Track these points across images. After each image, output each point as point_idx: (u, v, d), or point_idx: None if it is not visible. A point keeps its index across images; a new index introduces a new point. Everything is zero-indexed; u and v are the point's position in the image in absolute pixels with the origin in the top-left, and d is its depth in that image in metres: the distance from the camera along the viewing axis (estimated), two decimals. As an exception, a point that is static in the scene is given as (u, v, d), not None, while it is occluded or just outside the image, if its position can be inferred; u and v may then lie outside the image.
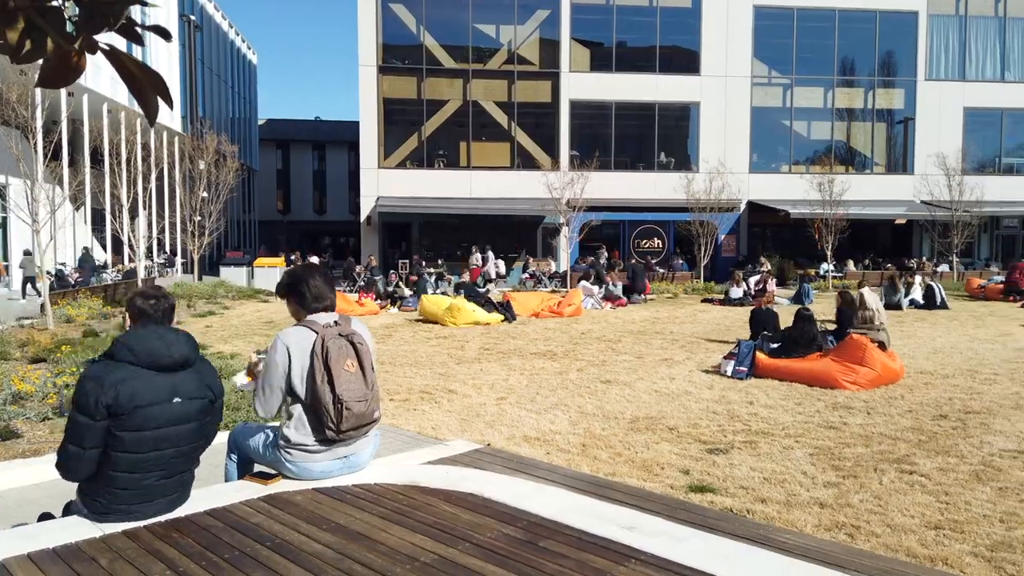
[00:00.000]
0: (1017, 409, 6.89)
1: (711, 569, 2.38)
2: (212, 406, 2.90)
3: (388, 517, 2.86)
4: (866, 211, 25.64)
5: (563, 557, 2.50)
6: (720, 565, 2.39)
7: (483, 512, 2.93)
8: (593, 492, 3.31)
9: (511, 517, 2.87)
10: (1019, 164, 29.42)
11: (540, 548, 2.58)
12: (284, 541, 2.61)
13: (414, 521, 2.82)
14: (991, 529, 4.04)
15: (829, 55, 28.08)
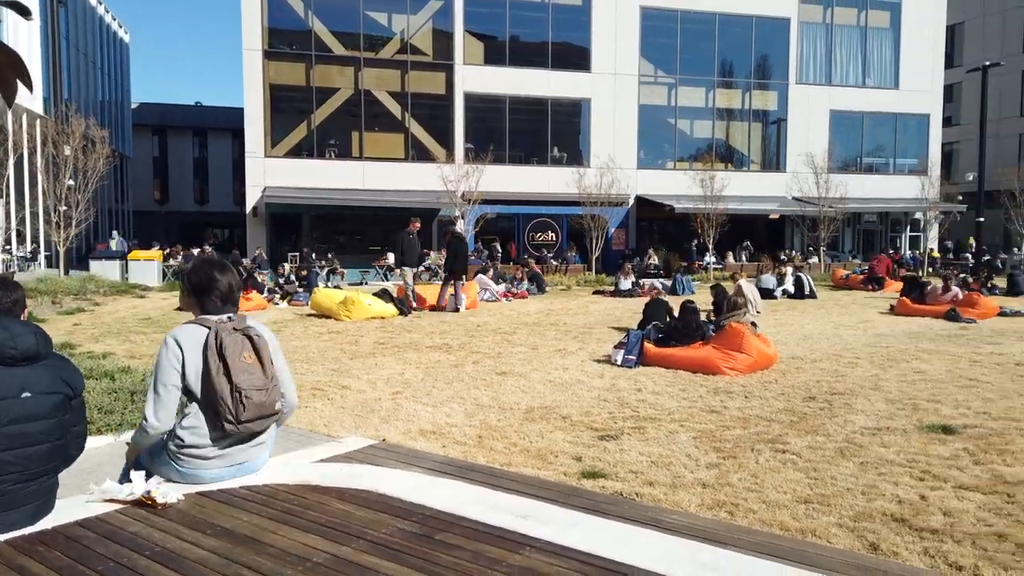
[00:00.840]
0: (876, 390, 7.50)
1: (603, 552, 2.46)
2: (69, 403, 2.72)
3: (278, 518, 2.77)
4: (744, 206, 27.16)
5: (458, 548, 2.50)
6: (611, 548, 2.47)
7: (377, 508, 2.89)
8: (488, 483, 3.34)
9: (406, 511, 2.85)
10: (878, 164, 32.00)
11: (436, 541, 2.57)
12: (165, 549, 2.47)
13: (306, 521, 2.75)
14: (854, 501, 4.38)
15: (710, 57, 29.47)
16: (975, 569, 3.48)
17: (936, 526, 3.99)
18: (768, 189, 29.58)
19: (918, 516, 4.13)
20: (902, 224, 33.09)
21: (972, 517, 4.11)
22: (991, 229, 31.91)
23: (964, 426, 6.02)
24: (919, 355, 9.63)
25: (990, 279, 20.01)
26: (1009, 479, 4.73)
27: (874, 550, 3.70)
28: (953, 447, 5.45)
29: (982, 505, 4.29)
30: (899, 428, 6.01)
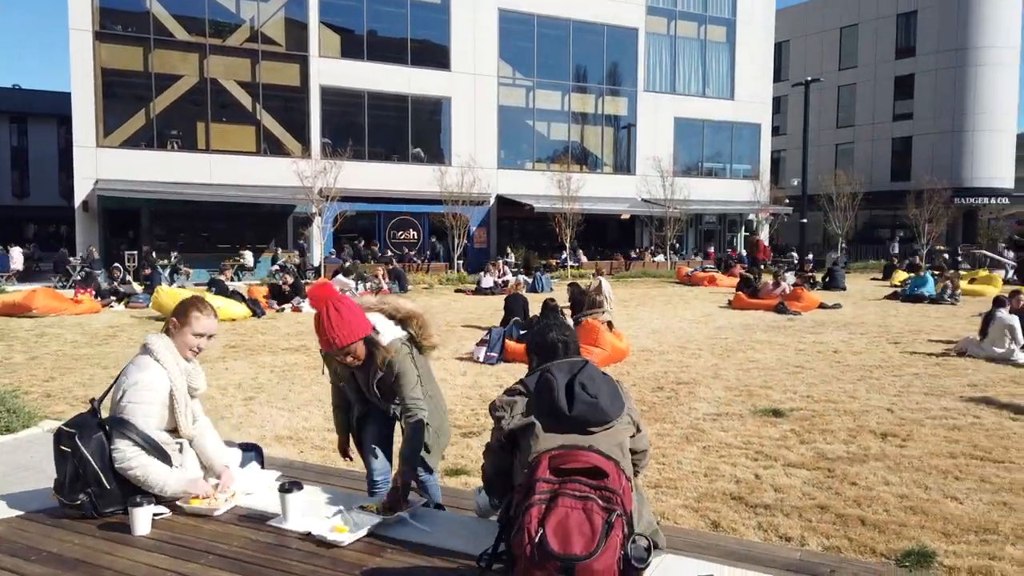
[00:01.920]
0: (716, 378, 8.08)
1: (463, 548, 2.48)
2: None
3: (115, 539, 2.56)
4: (598, 207, 28.28)
5: (316, 556, 2.43)
6: (470, 543, 2.49)
7: (228, 520, 2.75)
8: (348, 487, 3.26)
9: (259, 522, 2.72)
10: (717, 168, 34.42)
11: (292, 550, 2.48)
12: (-23, 583, 2.21)
13: (147, 539, 2.56)
14: (697, 483, 4.70)
15: (565, 62, 30.42)
16: (802, 539, 3.84)
17: (768, 502, 4.36)
18: (620, 190, 31.00)
19: (753, 493, 4.49)
20: (738, 224, 35.81)
21: (799, 492, 4.53)
22: (813, 229, 35.33)
23: (791, 409, 6.62)
24: (753, 345, 10.48)
25: (813, 275, 22.13)
26: (829, 456, 5.25)
27: (715, 528, 3.99)
28: (782, 429, 5.98)
29: (807, 480, 4.74)
30: (736, 413, 6.51)
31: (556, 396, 2.38)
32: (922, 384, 7.75)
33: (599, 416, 2.36)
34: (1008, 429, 5.95)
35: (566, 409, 2.35)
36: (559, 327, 2.73)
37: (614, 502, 2.15)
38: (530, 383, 2.51)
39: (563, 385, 2.40)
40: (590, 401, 2.37)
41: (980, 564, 3.50)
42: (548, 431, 2.34)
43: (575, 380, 2.42)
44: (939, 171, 35.74)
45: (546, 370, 2.50)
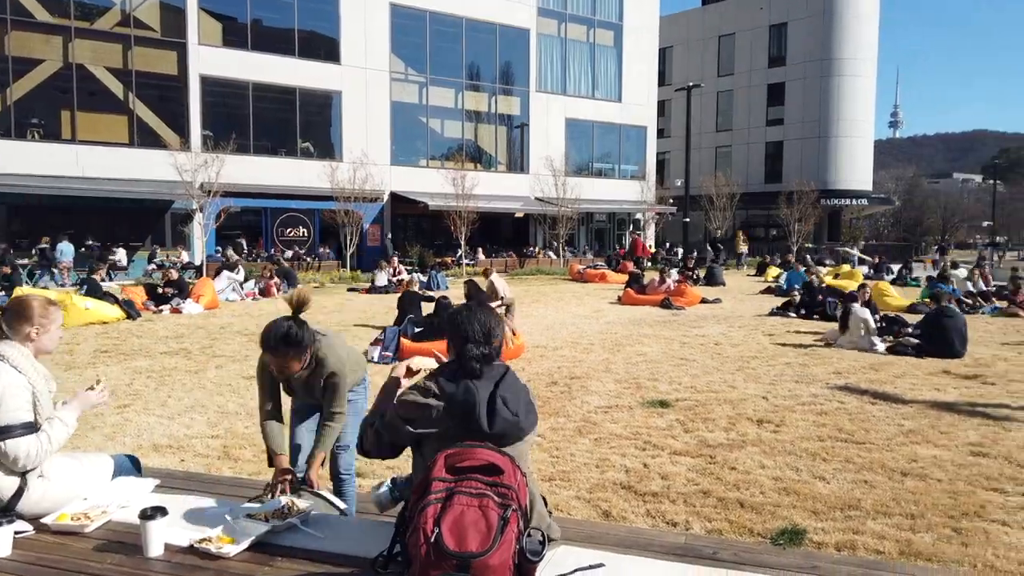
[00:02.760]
0: (607, 372, 8.33)
1: (358, 552, 2.43)
2: None
3: (-32, 565, 2.33)
4: (492, 205, 28.47)
5: (199, 570, 2.31)
6: (364, 546, 2.45)
7: (100, 537, 2.57)
8: (234, 495, 3.13)
9: (138, 538, 2.56)
10: (606, 169, 35.46)
11: (173, 564, 2.35)
12: None
13: (7, 561, 2.35)
14: (590, 475, 4.83)
15: (458, 59, 30.40)
16: (687, 524, 4.02)
17: (656, 489, 4.54)
18: (514, 189, 31.34)
19: (641, 482, 4.67)
20: (626, 223, 37.05)
21: (683, 479, 4.74)
22: (695, 228, 37.08)
23: (677, 400, 6.93)
24: (641, 339, 10.87)
25: (695, 272, 23.22)
26: (711, 443, 5.53)
27: (606, 517, 4.11)
28: (668, 419, 6.24)
29: (691, 467, 4.97)
30: (626, 405, 6.73)
31: (477, 412, 2.29)
32: (793, 373, 8.30)
33: (518, 434, 2.34)
34: (868, 413, 6.47)
35: (486, 427, 2.29)
36: (487, 315, 2.53)
37: (509, 498, 2.17)
38: (448, 388, 2.39)
39: (485, 399, 2.31)
40: (511, 420, 2.31)
41: (845, 539, 3.79)
42: (454, 441, 2.30)
43: (497, 393, 2.34)
44: (807, 174, 38.40)
45: (468, 377, 2.41)
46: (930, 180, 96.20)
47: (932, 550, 3.64)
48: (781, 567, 2.46)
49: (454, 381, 2.39)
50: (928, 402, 6.86)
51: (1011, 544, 3.71)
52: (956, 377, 8.11)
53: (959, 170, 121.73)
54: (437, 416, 2.36)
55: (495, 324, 2.50)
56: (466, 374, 2.40)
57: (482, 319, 2.49)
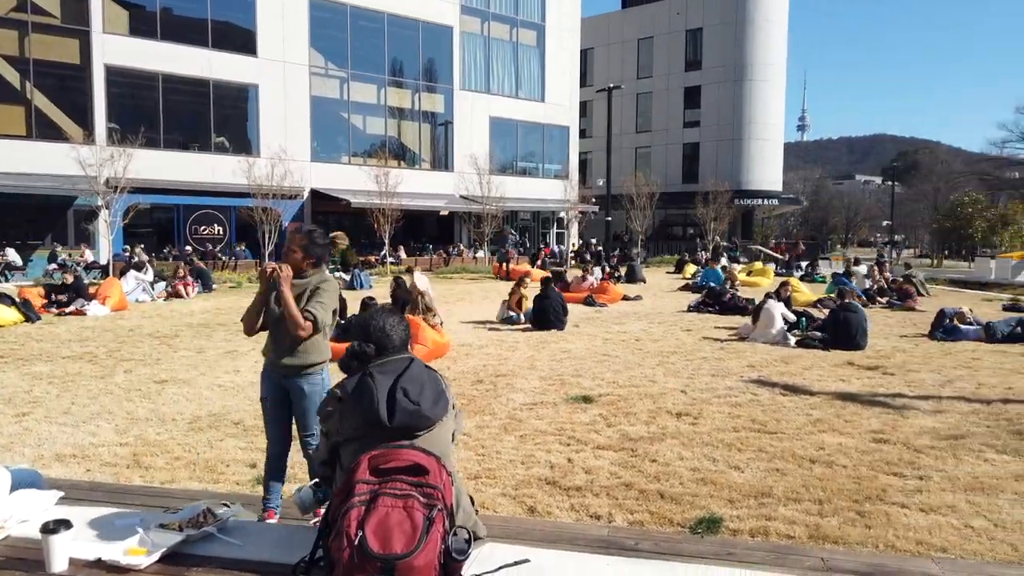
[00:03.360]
0: (532, 369, 8.40)
1: (279, 558, 2.37)
2: None
3: None
4: (416, 203, 28.24)
5: (109, 585, 2.20)
6: (286, 552, 2.39)
7: (-2, 555, 2.41)
8: (145, 504, 3.00)
9: (38, 554, 2.41)
10: (530, 168, 35.74)
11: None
12: None
13: None
14: (515, 471, 4.86)
15: (381, 55, 29.99)
16: (610, 516, 4.10)
17: (580, 484, 4.61)
18: (438, 187, 31.18)
19: (566, 477, 4.73)
20: (550, 222, 37.45)
21: (607, 472, 4.84)
22: (617, 227, 37.85)
23: (600, 395, 7.05)
24: (565, 336, 11.02)
25: (617, 269, 23.70)
26: (633, 436, 5.66)
27: (532, 513, 4.15)
28: (592, 414, 6.35)
29: (614, 461, 5.08)
30: (551, 402, 6.81)
31: (376, 406, 2.29)
32: (710, 367, 8.59)
33: (422, 423, 2.34)
34: (779, 404, 6.77)
35: (386, 420, 2.28)
36: (386, 316, 2.58)
37: (435, 497, 2.16)
38: (349, 386, 2.41)
39: (385, 392, 2.32)
40: (412, 409, 2.31)
41: (758, 525, 3.95)
42: (368, 440, 2.28)
43: (397, 385, 2.34)
44: (722, 175, 39.81)
45: (367, 373, 2.42)
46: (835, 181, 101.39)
47: (839, 533, 3.84)
48: (699, 555, 2.54)
49: (354, 379, 2.42)
50: (834, 393, 7.23)
51: (909, 525, 3.95)
52: (859, 368, 8.58)
53: (861, 172, 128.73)
54: (341, 420, 2.35)
55: (396, 323, 2.56)
56: (363, 370, 2.43)
57: (381, 318, 2.56)
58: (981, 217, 41.02)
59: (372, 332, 2.52)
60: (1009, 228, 39.03)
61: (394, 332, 2.54)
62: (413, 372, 2.42)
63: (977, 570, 3.12)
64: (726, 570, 2.39)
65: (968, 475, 4.74)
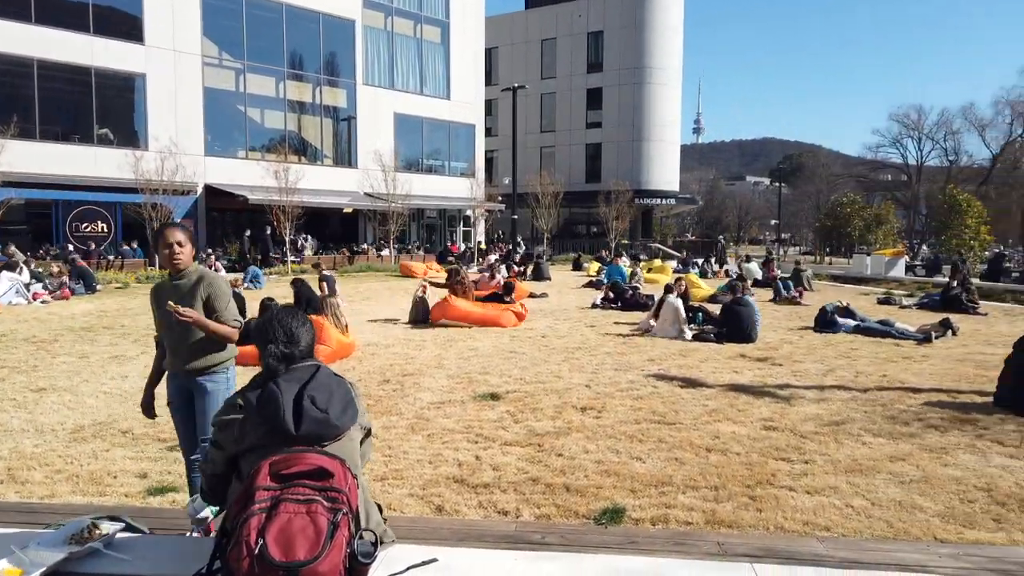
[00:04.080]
0: (439, 368, 8.37)
1: (173, 573, 2.26)
2: None
3: None
4: (318, 199, 27.53)
5: (-20, 612, 2.04)
6: (180, 566, 2.29)
7: None
8: (22, 522, 2.79)
9: None
10: (436, 165, 35.55)
11: (-56, 610, 2.05)
12: None
13: None
14: (423, 471, 4.83)
15: (279, 47, 29.02)
16: (517, 512, 4.14)
17: (488, 481, 4.63)
18: (342, 184, 30.51)
19: (474, 475, 4.75)
20: (457, 220, 37.41)
21: (514, 468, 4.88)
22: (523, 225, 38.24)
23: (507, 392, 7.11)
24: (472, 335, 11.04)
25: (525, 267, 23.95)
26: (539, 432, 5.74)
27: (440, 512, 4.14)
28: (499, 411, 6.40)
29: (521, 456, 5.13)
30: (458, 400, 6.81)
31: (282, 415, 2.21)
32: (613, 362, 8.83)
33: (330, 431, 2.28)
34: (678, 396, 7.03)
35: (292, 429, 2.21)
36: (290, 318, 2.46)
37: (340, 502, 2.12)
38: (250, 396, 2.30)
39: (290, 401, 2.24)
40: (320, 418, 2.24)
41: (659, 513, 4.09)
42: (271, 450, 2.20)
43: (304, 393, 2.26)
44: (623, 175, 40.94)
45: (271, 380, 2.33)
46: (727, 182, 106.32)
47: (733, 517, 4.04)
48: (603, 545, 2.61)
49: (257, 388, 2.31)
50: (728, 384, 7.59)
51: (796, 507, 4.20)
52: (750, 360, 9.04)
53: (751, 173, 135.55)
54: (244, 430, 2.26)
55: (299, 325, 2.45)
56: (268, 377, 2.33)
57: (284, 320, 2.43)
58: (858, 216, 44.05)
59: (279, 335, 2.40)
60: (883, 227, 42.13)
61: (299, 335, 2.43)
62: (320, 379, 2.34)
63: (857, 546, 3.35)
64: (629, 558, 2.47)
65: (848, 458, 5.08)
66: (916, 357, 9.29)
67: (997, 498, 4.33)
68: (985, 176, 59.61)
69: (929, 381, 7.77)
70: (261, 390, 2.29)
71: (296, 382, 2.30)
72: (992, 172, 59.79)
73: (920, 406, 6.61)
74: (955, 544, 3.67)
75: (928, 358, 9.23)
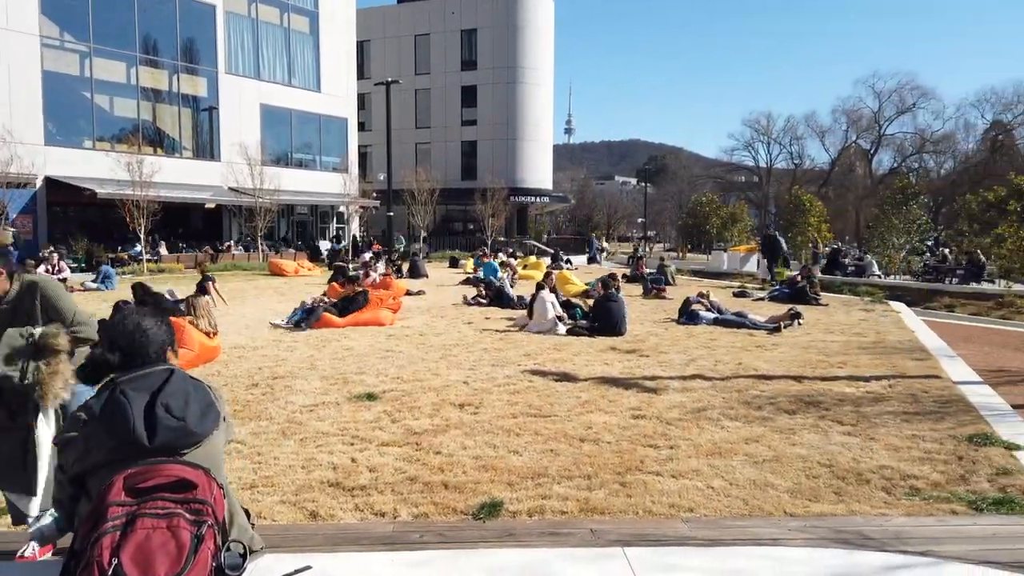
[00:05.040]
0: (312, 370, 8.11)
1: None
2: None
3: None
4: (177, 194, 25.90)
5: None
6: None
7: None
8: None
9: None
10: (307, 160, 34.39)
11: None
12: None
13: None
14: (296, 476, 4.67)
15: (131, 30, 26.99)
16: (395, 512, 4.09)
17: (364, 483, 4.55)
18: (203, 178, 28.84)
19: (349, 477, 4.64)
20: (329, 216, 36.38)
21: (391, 468, 4.82)
22: (399, 222, 37.78)
23: (384, 392, 7.01)
24: (347, 334, 10.79)
25: (399, 264, 23.67)
26: (417, 430, 5.70)
27: (314, 518, 4.02)
28: (376, 411, 6.29)
29: (398, 456, 5.08)
30: (333, 402, 6.63)
31: (132, 426, 2.05)
32: (490, 358, 8.91)
33: (188, 439, 2.14)
34: (553, 389, 7.21)
35: (145, 440, 2.06)
36: (139, 320, 2.29)
37: (204, 513, 2.01)
38: (95, 406, 2.11)
39: (142, 409, 2.08)
40: (176, 425, 2.10)
41: (535, 505, 4.18)
42: (123, 464, 2.04)
43: (157, 400, 2.11)
44: (499, 173, 41.42)
45: (117, 388, 2.15)
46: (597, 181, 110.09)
47: (605, 504, 4.19)
48: (482, 540, 2.64)
49: (101, 399, 2.15)
50: (599, 376, 7.87)
51: (663, 491, 4.42)
52: (620, 352, 9.42)
53: (619, 173, 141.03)
54: (88, 445, 2.08)
55: (151, 327, 2.30)
56: (113, 386, 2.17)
57: (129, 324, 2.28)
58: (716, 215, 46.94)
59: (121, 339, 2.24)
60: (737, 225, 45.12)
61: (148, 339, 2.27)
62: (175, 385, 2.20)
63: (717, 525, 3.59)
64: (506, 550, 2.51)
65: (709, 442, 5.41)
66: (768, 346, 10.03)
67: (837, 473, 4.76)
68: (825, 178, 65.36)
69: (779, 368, 8.41)
70: (106, 401, 2.12)
71: (147, 389, 2.15)
72: (831, 175, 65.66)
73: (772, 391, 7.15)
74: (803, 517, 4.00)
75: (778, 346, 9.99)
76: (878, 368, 8.42)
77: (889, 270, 26.55)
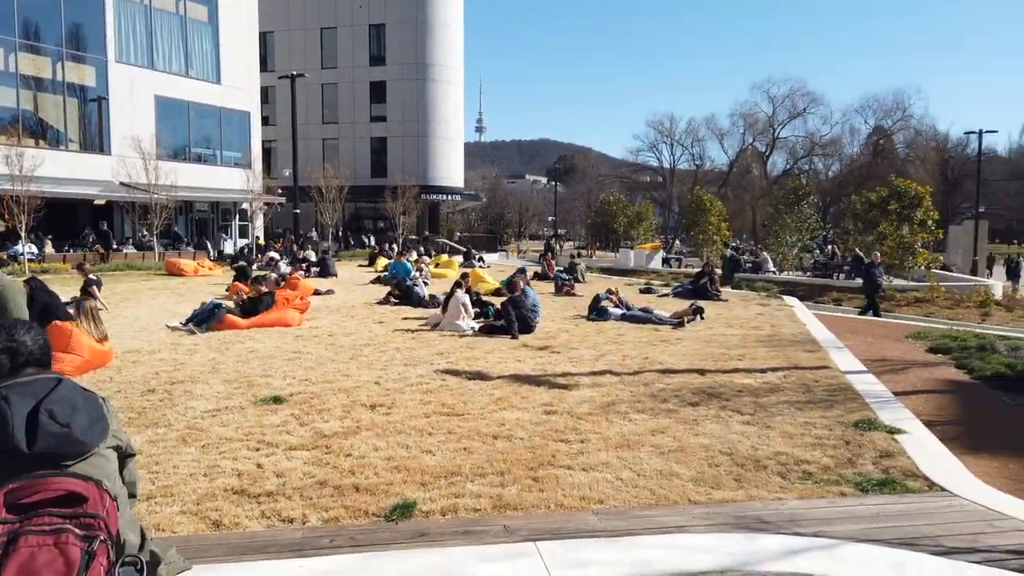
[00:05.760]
0: (214, 373, 7.78)
1: None
2: None
3: None
4: (63, 189, 24.27)
5: None
6: None
7: None
8: None
9: None
10: (206, 154, 32.91)
11: None
12: None
13: None
14: (197, 485, 4.47)
15: (9, 13, 25.04)
16: (304, 518, 3.98)
17: (271, 488, 4.41)
18: (91, 172, 27.09)
19: (255, 484, 4.49)
20: (232, 213, 34.97)
21: (300, 473, 4.69)
22: (306, 219, 36.75)
23: (291, 394, 6.81)
24: (252, 335, 10.41)
25: (310, 265, 23.02)
26: (327, 433, 5.58)
27: (217, 527, 3.86)
28: (283, 414, 6.11)
29: (308, 460, 4.95)
30: (237, 406, 6.39)
31: (10, 432, 1.93)
32: (402, 357, 8.82)
33: (73, 448, 2.00)
34: (466, 387, 7.21)
35: (24, 446, 1.92)
36: (13, 326, 2.17)
37: (96, 528, 1.90)
38: None
39: (23, 415, 1.96)
40: (59, 432, 1.97)
41: (449, 503, 4.17)
42: (2, 477, 1.90)
43: (40, 407, 1.99)
44: (409, 170, 40.95)
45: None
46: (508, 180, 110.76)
47: (518, 500, 4.23)
48: (394, 541, 2.61)
49: None
50: (512, 373, 7.93)
51: (574, 484, 4.51)
52: (532, 349, 9.52)
53: (530, 172, 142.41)
54: None
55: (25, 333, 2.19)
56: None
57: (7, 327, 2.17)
58: (622, 214, 48.12)
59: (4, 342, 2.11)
60: (643, 223, 46.41)
61: (23, 345, 2.15)
62: (62, 393, 2.07)
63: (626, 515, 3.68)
64: (420, 551, 2.49)
65: (618, 435, 5.56)
66: (672, 340, 10.39)
67: (737, 460, 4.99)
68: (724, 179, 68.27)
69: (683, 361, 8.73)
70: None
71: (31, 396, 2.02)
72: (729, 176, 68.65)
73: (676, 384, 7.41)
74: (706, 504, 4.17)
75: (682, 340, 10.36)
76: (774, 360, 8.88)
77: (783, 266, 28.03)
